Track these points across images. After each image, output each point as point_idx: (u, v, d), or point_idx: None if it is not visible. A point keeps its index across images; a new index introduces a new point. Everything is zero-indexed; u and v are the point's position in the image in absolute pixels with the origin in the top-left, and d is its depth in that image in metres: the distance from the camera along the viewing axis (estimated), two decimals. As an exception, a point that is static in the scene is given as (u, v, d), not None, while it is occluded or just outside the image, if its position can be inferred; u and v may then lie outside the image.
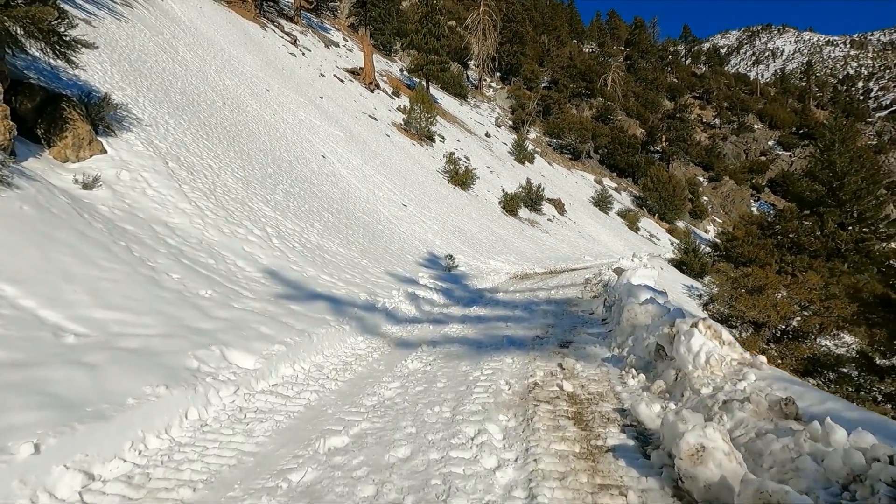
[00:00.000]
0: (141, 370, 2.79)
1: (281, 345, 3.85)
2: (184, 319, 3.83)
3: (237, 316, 4.24)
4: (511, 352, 4.43)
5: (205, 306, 4.24)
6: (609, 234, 29.86)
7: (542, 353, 4.35)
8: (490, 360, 4.14)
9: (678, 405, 2.65)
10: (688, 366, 2.95)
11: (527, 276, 14.96)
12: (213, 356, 3.30)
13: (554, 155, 40.55)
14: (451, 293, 8.98)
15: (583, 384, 3.31)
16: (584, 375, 3.55)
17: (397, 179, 18.74)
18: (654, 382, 3.12)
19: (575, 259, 20.92)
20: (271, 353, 3.66)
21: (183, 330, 3.61)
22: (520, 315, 6.62)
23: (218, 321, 3.99)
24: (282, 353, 3.73)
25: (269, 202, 8.86)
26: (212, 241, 6.19)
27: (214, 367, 3.20)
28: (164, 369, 2.90)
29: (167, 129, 9.06)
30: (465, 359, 4.21)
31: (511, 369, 3.80)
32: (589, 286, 10.11)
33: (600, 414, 2.71)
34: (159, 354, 3.09)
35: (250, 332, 3.93)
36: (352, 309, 5.72)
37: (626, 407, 2.79)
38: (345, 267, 7.83)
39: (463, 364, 4.02)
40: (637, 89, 59.36)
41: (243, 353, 3.52)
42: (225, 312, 4.24)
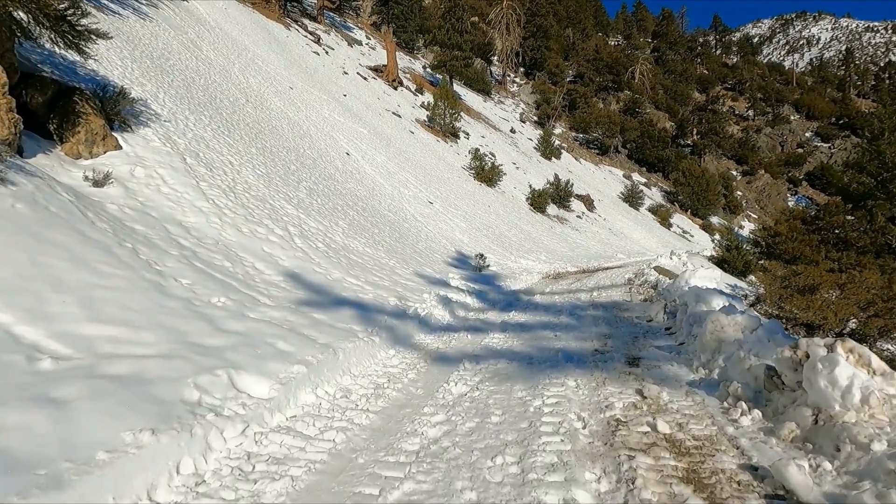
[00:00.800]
0: (124, 408, 2.18)
1: (301, 365, 3.21)
2: (189, 334, 3.24)
3: (252, 329, 3.63)
4: (570, 371, 3.71)
5: (216, 317, 3.65)
6: (641, 231, 28.63)
7: (609, 372, 3.61)
8: (548, 381, 3.43)
9: (837, 465, 1.90)
10: (833, 405, 2.19)
11: (560, 276, 14.13)
12: (218, 383, 2.69)
13: (581, 150, 39.33)
14: (485, 296, 8.27)
15: (679, 422, 2.57)
16: (675, 408, 2.80)
17: (422, 176, 18.12)
18: (779, 424, 2.36)
19: (607, 257, 19.94)
20: (290, 377, 3.03)
21: (186, 348, 3.01)
22: (567, 322, 5.87)
23: (229, 336, 3.38)
24: (302, 376, 3.09)
25: (292, 200, 8.31)
26: (229, 241, 5.63)
27: (219, 397, 2.58)
28: (155, 405, 2.29)
29: (187, 125, 8.61)
30: (518, 380, 3.51)
31: (579, 396, 3.09)
32: (634, 287, 9.25)
33: (724, 474, 1.98)
34: (152, 383, 2.48)
35: (266, 350, 3.31)
36: (381, 317, 5.07)
37: (756, 463, 2.04)
38: (372, 268, 7.21)
39: (517, 387, 3.32)
40: (666, 82, 57.36)
41: (256, 377, 2.90)
42: (238, 324, 3.64)
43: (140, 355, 2.78)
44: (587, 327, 5.49)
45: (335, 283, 5.82)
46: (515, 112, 39.65)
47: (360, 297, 5.58)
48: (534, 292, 9.84)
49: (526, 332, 5.32)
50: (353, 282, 6.09)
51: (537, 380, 3.51)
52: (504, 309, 7.24)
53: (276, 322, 3.93)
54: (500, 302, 7.91)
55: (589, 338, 4.89)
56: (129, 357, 2.72)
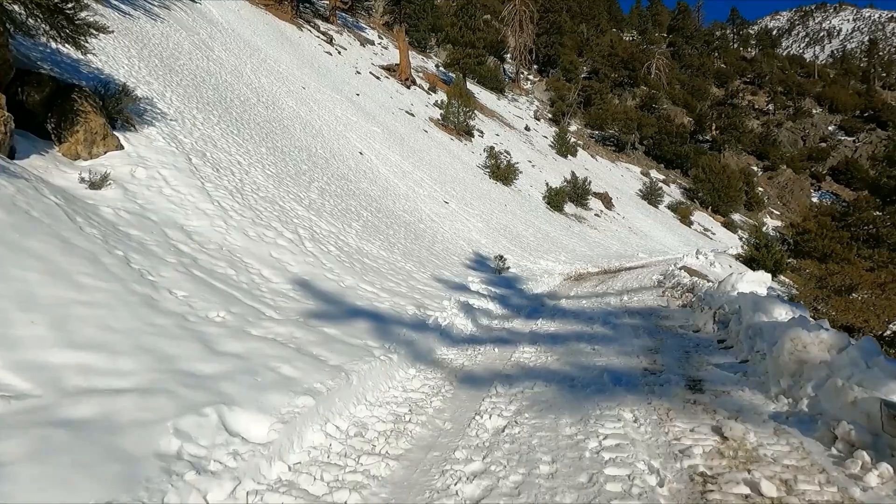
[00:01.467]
0: (77, 471, 1.69)
1: (308, 395, 2.70)
2: (177, 360, 2.75)
3: (253, 350, 3.13)
4: (622, 397, 3.14)
5: (212, 336, 3.16)
6: (661, 229, 27.73)
7: (670, 400, 3.04)
8: (599, 412, 2.88)
9: None
10: None
11: (582, 277, 13.48)
12: (205, 425, 2.19)
13: (597, 147, 38.44)
14: (508, 301, 7.71)
15: (784, 478, 2.00)
16: (770, 455, 2.22)
17: (437, 176, 17.60)
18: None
19: (628, 257, 19.21)
20: (294, 411, 2.52)
21: (171, 378, 2.52)
22: (602, 332, 5.28)
23: (225, 360, 2.88)
24: (309, 410, 2.58)
25: (303, 201, 7.84)
26: (234, 246, 5.16)
27: (206, 445, 2.08)
28: (120, 463, 1.79)
29: (194, 125, 8.20)
30: (563, 410, 2.95)
31: (642, 435, 2.52)
32: (667, 290, 8.60)
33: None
34: (121, 430, 1.99)
35: (267, 377, 2.81)
36: (399, 329, 4.55)
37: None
38: (387, 273, 6.70)
39: (563, 421, 2.77)
40: (682, 77, 56.02)
41: (253, 413, 2.40)
42: (237, 345, 3.14)
43: (114, 390, 2.29)
44: (627, 339, 4.90)
45: (348, 290, 5.31)
46: (530, 110, 38.92)
47: (375, 307, 5.07)
48: (558, 296, 9.25)
49: (559, 345, 4.75)
50: (367, 289, 5.58)
51: (585, 409, 2.95)
52: (530, 316, 6.68)
53: (282, 340, 3.43)
54: (524, 308, 7.34)
55: (633, 352, 4.30)
56: (100, 393, 2.23)
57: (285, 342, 3.38)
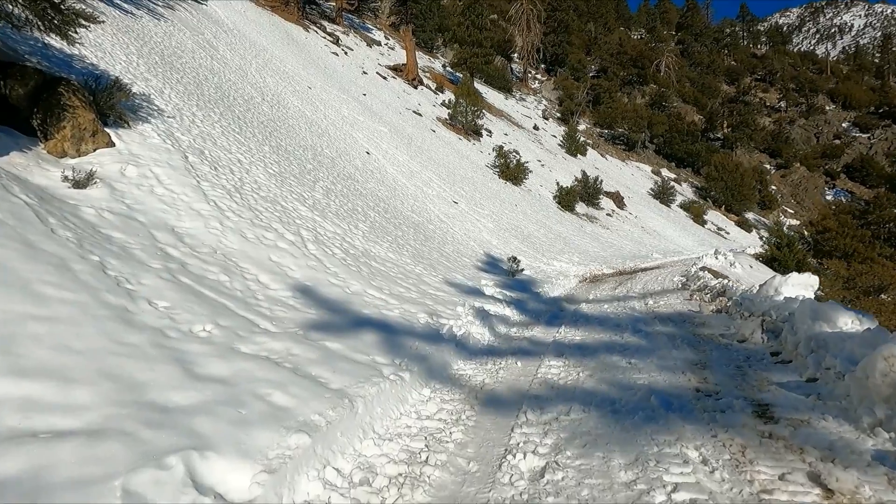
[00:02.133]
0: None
1: (303, 432, 2.19)
2: (147, 388, 2.26)
3: (241, 372, 2.63)
4: (679, 428, 2.61)
5: (193, 356, 2.67)
6: (674, 229, 27.01)
7: (739, 432, 2.50)
8: (657, 449, 2.35)
9: None
10: None
11: (598, 279, 12.91)
12: (166, 481, 1.69)
13: (606, 146, 37.75)
14: (524, 305, 7.17)
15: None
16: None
17: (446, 175, 17.11)
18: None
19: (642, 257, 18.57)
20: (284, 454, 2.02)
21: (134, 414, 2.03)
22: (635, 342, 4.73)
23: (205, 386, 2.39)
24: (304, 451, 2.08)
25: (307, 201, 7.37)
26: (230, 249, 4.69)
27: (165, 510, 1.59)
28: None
29: (193, 122, 7.76)
30: (612, 446, 2.43)
31: (719, 484, 1.99)
32: (694, 293, 8.01)
33: None
34: (49, 494, 1.50)
35: (255, 408, 2.31)
36: (411, 340, 4.04)
37: None
38: (396, 277, 6.20)
39: (615, 462, 2.25)
40: (692, 74, 55.08)
41: (232, 460, 1.90)
42: (222, 366, 2.65)
43: (56, 432, 1.81)
44: (665, 350, 4.35)
45: (354, 297, 4.81)
46: (538, 109, 38.33)
47: (383, 315, 4.57)
48: (577, 300, 8.70)
49: (590, 358, 4.21)
50: (375, 295, 5.08)
51: (638, 445, 2.42)
52: (551, 323, 6.14)
53: (276, 358, 2.93)
54: (543, 313, 6.80)
55: (676, 367, 3.75)
56: (37, 438, 1.75)
57: (280, 361, 2.88)
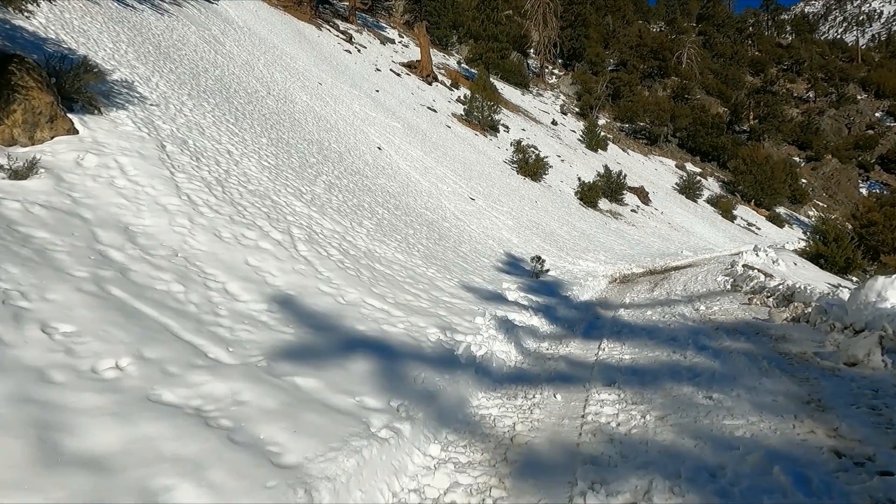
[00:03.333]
0: None
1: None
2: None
3: (137, 444, 1.70)
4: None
5: (71, 415, 1.76)
6: (703, 225, 25.49)
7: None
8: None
9: None
10: None
11: (629, 280, 11.75)
12: None
13: (628, 141, 36.22)
14: (554, 313, 6.14)
15: None
16: None
17: (462, 171, 16.12)
18: None
19: (672, 255, 17.29)
20: None
21: None
22: (704, 364, 3.68)
23: (62, 480, 1.46)
24: None
25: (304, 195, 6.46)
26: (196, 251, 3.79)
27: None
28: None
29: (180, 111, 6.94)
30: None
31: None
32: (752, 297, 6.84)
33: None
34: None
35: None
36: (416, 369, 3.08)
37: None
38: (404, 281, 5.24)
39: None
40: (715, 66, 52.90)
41: None
42: (110, 436, 1.72)
43: None
44: (750, 377, 3.29)
45: (348, 309, 3.86)
46: (556, 104, 37.03)
47: (383, 332, 3.61)
48: (612, 304, 7.61)
49: (651, 388, 3.18)
50: (375, 305, 4.12)
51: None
52: (588, 335, 5.10)
53: (211, 411, 2.00)
54: (577, 323, 5.76)
55: (779, 406, 2.71)
56: None
57: (215, 417, 1.95)
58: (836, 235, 14.41)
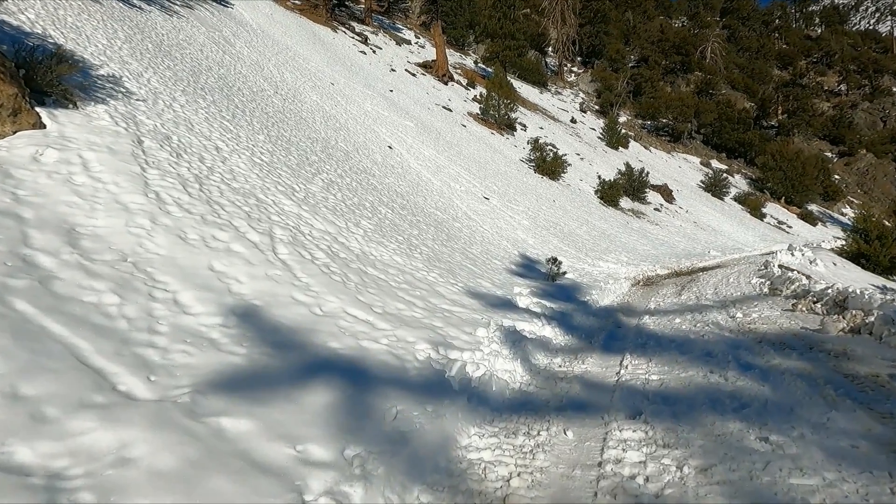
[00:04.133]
0: None
1: None
2: None
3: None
4: None
5: None
6: (730, 223, 24.22)
7: None
8: None
9: None
10: None
11: (653, 282, 10.92)
12: None
13: (650, 138, 34.95)
14: (570, 321, 5.46)
15: None
16: None
17: (476, 170, 15.48)
18: None
19: (699, 255, 16.28)
20: None
21: None
22: (751, 389, 2.97)
23: None
24: None
25: (296, 193, 5.94)
26: (151, 256, 3.28)
27: None
28: None
29: (170, 106, 6.51)
30: None
31: None
32: (795, 302, 6.01)
33: None
34: None
35: None
36: (391, 398, 2.47)
37: None
38: (399, 287, 4.64)
39: None
40: (740, 60, 50.90)
41: None
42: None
43: None
44: (813, 408, 2.58)
45: (324, 321, 3.28)
46: (575, 102, 36.03)
47: (361, 350, 3.01)
48: (635, 310, 6.87)
49: (688, 424, 2.50)
50: (357, 316, 3.53)
51: None
52: (609, 347, 4.41)
53: (72, 479, 1.42)
54: (596, 332, 5.06)
55: (864, 458, 2.01)
56: None
57: (75, 485, 1.37)
58: (880, 233, 13.23)
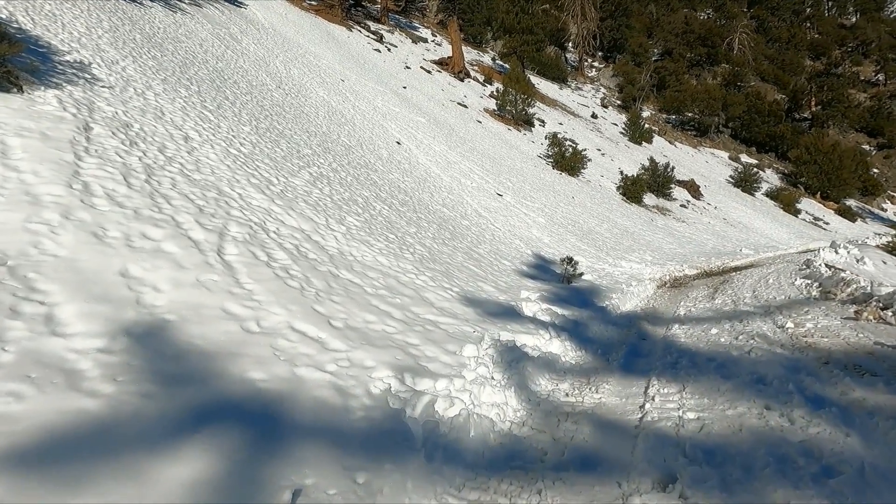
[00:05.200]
0: None
1: None
2: None
3: None
4: None
5: None
6: (763, 220, 22.61)
7: None
8: None
9: None
10: None
11: (681, 283, 9.84)
12: None
13: (675, 133, 33.30)
14: (584, 332, 4.54)
15: None
16: None
17: (490, 166, 14.59)
18: None
19: (729, 254, 15.00)
20: None
21: None
22: (835, 440, 2.05)
23: None
24: None
25: (272, 187, 5.20)
26: (44, 257, 2.56)
27: None
28: None
29: (141, 94, 5.88)
30: None
31: None
32: (854, 307, 4.94)
33: None
34: None
35: None
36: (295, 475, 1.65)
37: None
38: (375, 294, 3.83)
39: None
40: (770, 51, 48.33)
41: None
42: None
43: None
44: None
45: (256, 340, 2.49)
46: (596, 97, 34.64)
47: (292, 381, 2.21)
48: (662, 317, 5.88)
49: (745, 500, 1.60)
50: (305, 333, 2.73)
51: None
52: (629, 368, 3.50)
53: None
54: (614, 346, 4.15)
55: None
56: None
57: None
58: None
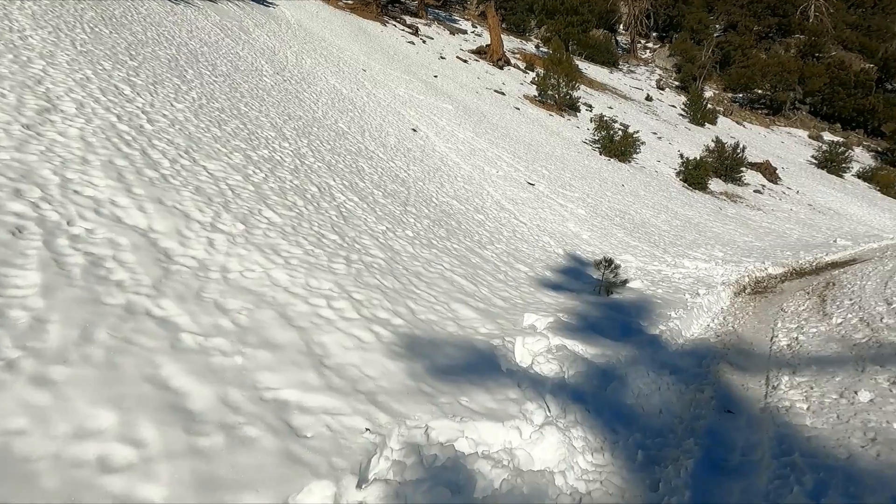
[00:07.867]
0: None
1: None
2: None
3: None
4: None
5: None
6: (858, 204, 18.62)
7: None
8: None
9: None
10: None
11: (765, 288, 7.31)
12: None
13: (743, 112, 29.03)
14: (616, 398, 2.49)
15: None
16: None
17: (524, 153, 12.48)
18: None
19: (821, 246, 11.88)
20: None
21: None
22: None
23: None
24: None
25: (160, 168, 3.57)
26: None
27: None
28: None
29: (66, 73, 4.49)
30: None
31: None
32: None
33: None
34: None
35: None
36: None
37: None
38: (329, 331, 2.06)
39: None
40: (852, 18, 41.57)
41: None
42: None
43: None
44: None
45: None
46: (651, 79, 31.03)
47: None
48: (752, 352, 3.65)
49: None
50: None
51: None
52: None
53: None
54: (672, 440, 2.07)
55: None
56: None
57: None
58: None
